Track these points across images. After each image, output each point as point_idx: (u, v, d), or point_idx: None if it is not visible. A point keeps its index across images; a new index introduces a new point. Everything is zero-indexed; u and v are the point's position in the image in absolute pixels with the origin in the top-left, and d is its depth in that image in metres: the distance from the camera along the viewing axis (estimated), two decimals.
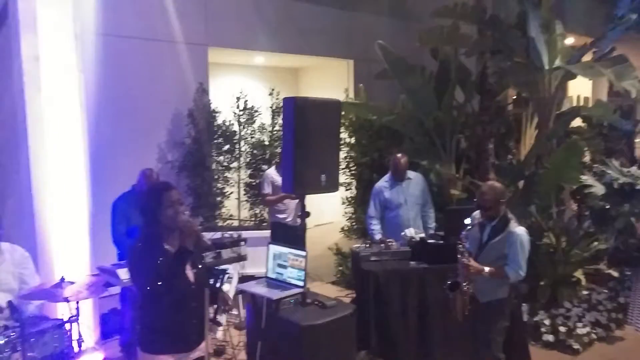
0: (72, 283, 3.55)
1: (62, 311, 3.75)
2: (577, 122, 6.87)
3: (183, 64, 6.96)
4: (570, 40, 7.64)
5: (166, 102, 6.87)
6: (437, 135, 6.32)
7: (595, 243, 5.55)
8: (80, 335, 3.58)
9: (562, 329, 4.80)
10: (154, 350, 2.65)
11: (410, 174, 5.15)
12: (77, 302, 3.53)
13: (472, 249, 3.62)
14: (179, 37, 6.91)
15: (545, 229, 5.49)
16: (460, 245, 3.48)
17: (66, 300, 3.40)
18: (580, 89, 7.69)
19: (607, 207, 5.58)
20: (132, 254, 2.68)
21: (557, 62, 5.67)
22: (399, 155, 5.09)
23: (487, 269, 3.43)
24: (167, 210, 2.59)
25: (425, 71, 6.66)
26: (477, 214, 3.65)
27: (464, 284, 3.48)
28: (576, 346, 4.70)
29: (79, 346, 3.58)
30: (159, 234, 2.63)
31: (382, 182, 5.15)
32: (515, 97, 7.48)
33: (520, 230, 3.45)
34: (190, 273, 2.67)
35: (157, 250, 2.60)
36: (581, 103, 6.49)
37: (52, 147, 4.28)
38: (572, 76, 5.82)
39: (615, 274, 5.58)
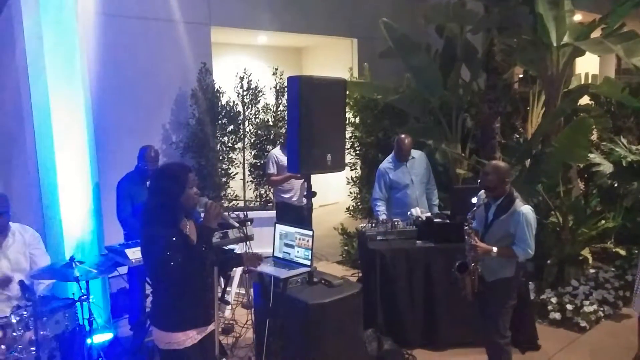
0: (82, 263, 3.57)
1: (72, 291, 3.78)
2: (584, 100, 6.80)
3: (186, 44, 6.91)
4: (578, 17, 7.52)
5: (170, 83, 6.84)
6: (442, 114, 6.27)
7: (603, 222, 5.53)
8: (91, 314, 3.61)
9: (569, 307, 4.81)
10: (174, 327, 2.63)
11: (414, 152, 5.12)
12: (87, 282, 3.56)
13: (479, 228, 3.61)
14: (182, 16, 6.84)
15: (552, 208, 5.47)
16: (466, 227, 3.46)
17: (76, 279, 3.43)
18: (587, 66, 7.61)
19: (615, 185, 5.55)
20: (150, 239, 2.57)
21: (566, 39, 5.58)
22: (403, 136, 5.04)
23: (494, 249, 3.42)
24: (191, 190, 2.60)
25: (431, 49, 6.58)
26: (483, 193, 3.63)
27: (472, 264, 3.47)
28: (583, 324, 4.71)
29: (90, 325, 3.62)
30: (178, 217, 2.63)
31: (386, 163, 5.12)
32: (522, 75, 7.39)
33: (525, 209, 3.42)
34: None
35: (177, 234, 2.59)
36: (589, 80, 6.41)
37: (57, 127, 4.27)
38: (581, 53, 5.74)
39: (622, 252, 5.57)
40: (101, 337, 4.06)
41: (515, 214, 3.42)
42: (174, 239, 2.53)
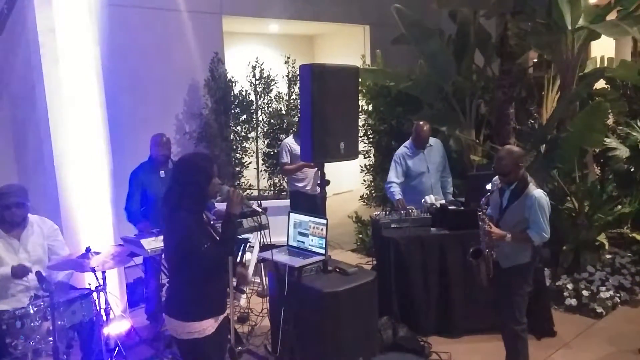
0: (98, 253, 3.61)
1: (89, 281, 3.82)
2: (600, 84, 6.69)
3: (198, 33, 6.90)
4: None
5: (182, 73, 6.85)
6: (456, 101, 6.22)
7: (619, 207, 5.46)
8: (107, 304, 3.66)
9: (585, 293, 4.78)
10: (196, 317, 2.66)
11: (431, 140, 5.09)
12: (104, 272, 3.60)
13: (494, 214, 3.59)
14: (193, 6, 6.83)
15: (568, 193, 5.42)
16: (480, 213, 3.44)
17: (93, 270, 3.47)
18: (603, 49, 7.47)
19: (632, 169, 5.47)
20: (179, 226, 2.60)
21: (581, 22, 5.49)
22: (422, 122, 5.00)
23: (509, 234, 3.40)
24: (215, 180, 2.67)
25: (444, 35, 6.51)
26: (497, 178, 3.60)
27: (487, 250, 3.46)
28: (599, 310, 4.68)
29: (107, 314, 3.66)
30: (203, 207, 2.71)
31: (404, 149, 5.08)
32: (536, 59, 7.28)
33: (537, 193, 3.39)
34: None
35: (202, 223, 2.65)
36: (605, 64, 6.31)
37: (72, 119, 4.31)
38: (596, 36, 5.64)
39: (639, 237, 5.50)
40: (118, 327, 4.12)
41: (528, 198, 3.40)
42: (200, 226, 2.60)
